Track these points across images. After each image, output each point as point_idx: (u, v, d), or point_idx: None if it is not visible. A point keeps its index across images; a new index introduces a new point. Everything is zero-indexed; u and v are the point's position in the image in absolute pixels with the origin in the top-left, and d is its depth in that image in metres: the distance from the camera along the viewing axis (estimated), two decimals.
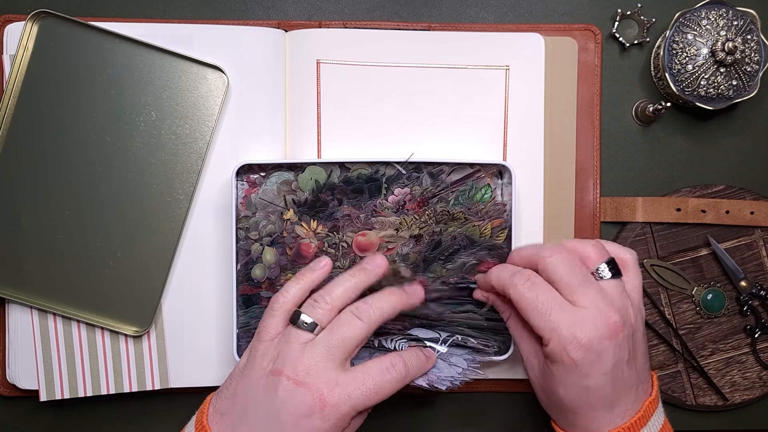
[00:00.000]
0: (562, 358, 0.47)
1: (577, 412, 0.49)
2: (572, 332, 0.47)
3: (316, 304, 0.51)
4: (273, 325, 0.51)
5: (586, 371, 0.47)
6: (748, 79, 0.60)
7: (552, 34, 0.62)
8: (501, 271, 0.51)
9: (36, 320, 0.59)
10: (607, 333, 0.47)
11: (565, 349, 0.47)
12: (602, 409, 0.48)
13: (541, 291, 0.48)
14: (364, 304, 0.51)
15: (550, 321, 0.47)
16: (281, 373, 0.48)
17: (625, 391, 0.49)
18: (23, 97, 0.58)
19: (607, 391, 0.48)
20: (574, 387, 0.48)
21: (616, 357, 0.47)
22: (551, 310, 0.47)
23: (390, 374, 0.50)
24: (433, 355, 0.55)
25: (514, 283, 0.49)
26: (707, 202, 0.63)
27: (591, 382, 0.47)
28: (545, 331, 0.47)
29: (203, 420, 0.49)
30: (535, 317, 0.48)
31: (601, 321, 0.47)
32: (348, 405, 0.48)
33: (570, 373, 0.47)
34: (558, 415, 0.51)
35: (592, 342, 0.46)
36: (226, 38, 0.60)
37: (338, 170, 0.57)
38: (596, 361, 0.47)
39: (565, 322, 0.47)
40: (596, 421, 0.49)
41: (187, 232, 0.60)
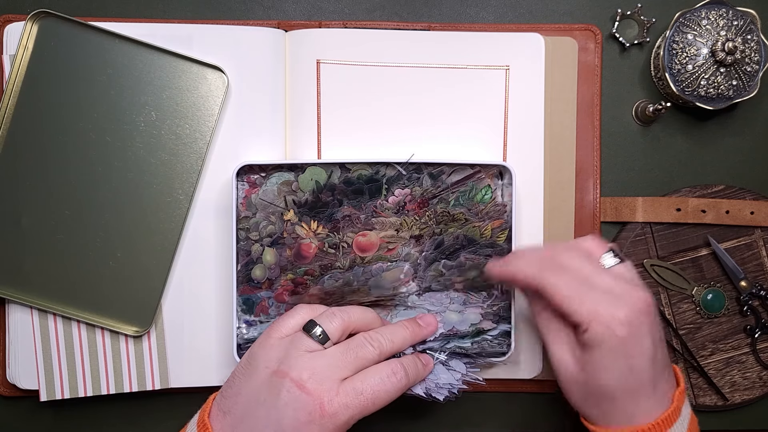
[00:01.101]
0: (606, 338, 0.46)
1: (616, 399, 0.48)
2: (611, 311, 0.47)
3: (333, 317, 0.51)
4: (290, 325, 0.52)
5: (631, 350, 0.47)
6: (748, 79, 0.60)
7: (552, 34, 0.62)
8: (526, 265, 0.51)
9: (36, 320, 0.59)
10: (642, 308, 0.47)
11: (609, 328, 0.46)
12: (643, 394, 0.48)
13: (570, 277, 0.49)
14: (377, 334, 0.52)
15: (586, 303, 0.47)
16: (286, 375, 0.48)
17: (661, 374, 0.49)
18: (23, 97, 0.58)
19: (647, 374, 0.47)
20: (617, 370, 0.47)
21: (652, 334, 0.48)
22: (584, 294, 0.47)
23: (390, 382, 0.50)
24: (431, 361, 0.55)
25: (543, 272, 0.49)
26: (707, 202, 0.63)
27: (634, 361, 0.47)
28: (583, 315, 0.47)
29: (205, 418, 0.49)
30: (570, 304, 0.48)
31: (633, 298, 0.47)
32: (346, 414, 0.48)
33: (614, 354, 0.47)
34: (594, 408, 0.50)
35: (631, 318, 0.47)
36: (226, 38, 0.60)
37: (338, 171, 0.57)
38: (639, 337, 0.47)
39: (601, 301, 0.47)
40: (636, 406, 0.48)
41: (187, 232, 0.60)
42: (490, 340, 0.58)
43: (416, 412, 0.63)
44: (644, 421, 0.48)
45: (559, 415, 0.64)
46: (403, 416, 0.63)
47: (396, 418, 0.63)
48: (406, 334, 0.54)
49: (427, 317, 0.56)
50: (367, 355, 0.51)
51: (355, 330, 0.53)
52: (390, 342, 0.52)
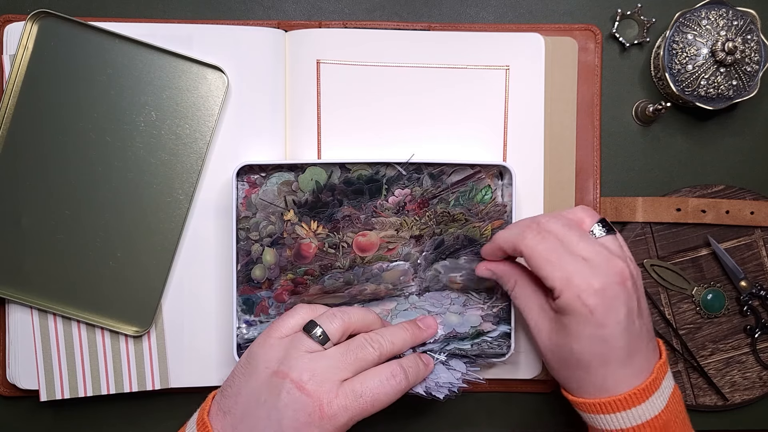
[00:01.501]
0: (577, 306, 0.47)
1: (590, 367, 0.49)
2: (585, 279, 0.47)
3: (334, 318, 0.51)
4: (290, 325, 0.52)
5: (602, 319, 0.47)
6: (748, 79, 0.60)
7: (552, 34, 0.62)
8: (508, 231, 0.52)
9: (36, 320, 0.59)
10: (617, 279, 0.47)
11: (579, 297, 0.47)
12: (616, 363, 0.48)
13: (550, 242, 0.49)
14: (377, 335, 0.52)
15: (562, 270, 0.48)
16: (287, 375, 0.48)
17: (637, 345, 0.49)
18: (23, 97, 0.58)
19: (621, 343, 0.48)
20: (588, 339, 0.48)
21: (627, 305, 0.48)
22: (562, 259, 0.48)
23: (389, 385, 0.50)
24: (431, 361, 0.55)
25: (524, 237, 0.50)
26: (707, 202, 0.63)
27: (606, 331, 0.47)
28: (558, 280, 0.48)
29: (205, 416, 0.49)
30: (546, 267, 0.48)
31: (610, 268, 0.48)
32: (346, 416, 0.48)
33: (585, 323, 0.47)
34: (570, 377, 0.51)
35: (605, 287, 0.47)
36: (226, 38, 0.60)
37: (338, 171, 0.57)
38: (611, 307, 0.47)
39: (577, 269, 0.47)
40: (610, 376, 0.48)
41: (187, 232, 0.60)
42: (489, 341, 0.58)
43: (416, 412, 0.63)
44: (621, 390, 0.48)
45: (559, 415, 0.64)
46: (403, 416, 0.63)
47: (396, 419, 0.63)
48: (406, 335, 0.54)
49: (428, 319, 0.56)
50: (368, 356, 0.51)
51: (356, 331, 0.53)
52: (390, 343, 0.52)
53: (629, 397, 0.48)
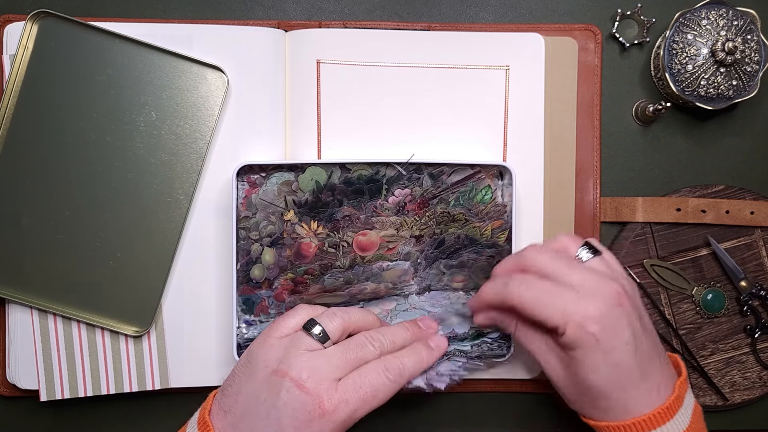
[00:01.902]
0: (582, 337, 0.47)
1: (610, 396, 0.48)
2: (582, 309, 0.47)
3: (334, 316, 0.51)
4: (290, 325, 0.52)
5: (610, 345, 0.47)
6: (748, 79, 0.60)
7: (552, 34, 0.62)
8: (493, 285, 0.52)
9: (36, 320, 0.59)
10: (613, 302, 0.47)
11: (582, 327, 0.47)
12: (634, 386, 0.48)
13: (538, 285, 0.49)
14: (377, 334, 0.52)
15: (557, 307, 0.47)
16: (286, 374, 0.48)
17: (649, 363, 0.49)
18: (23, 97, 0.58)
19: (633, 364, 0.47)
20: (602, 367, 0.47)
21: (631, 325, 0.48)
22: (554, 297, 0.48)
23: (386, 377, 0.50)
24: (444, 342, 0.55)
25: (510, 290, 0.50)
26: (707, 202, 0.63)
27: (617, 356, 0.47)
28: (557, 318, 0.47)
29: (206, 416, 0.49)
30: (541, 311, 0.48)
31: (604, 292, 0.48)
32: (346, 411, 0.48)
33: (594, 352, 0.47)
34: (591, 407, 0.50)
35: (604, 313, 0.47)
36: (226, 38, 0.60)
37: (339, 171, 0.57)
38: (615, 331, 0.47)
39: (571, 301, 0.47)
40: (631, 398, 0.48)
41: (187, 232, 0.60)
42: (489, 342, 0.58)
43: (416, 412, 0.63)
44: (643, 411, 0.48)
45: (559, 415, 0.64)
46: (402, 416, 0.63)
47: (395, 418, 0.63)
48: (406, 335, 0.54)
49: (428, 320, 0.56)
50: (368, 355, 0.51)
51: (355, 330, 0.53)
52: (391, 342, 0.52)
53: (654, 417, 0.48)
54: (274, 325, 0.52)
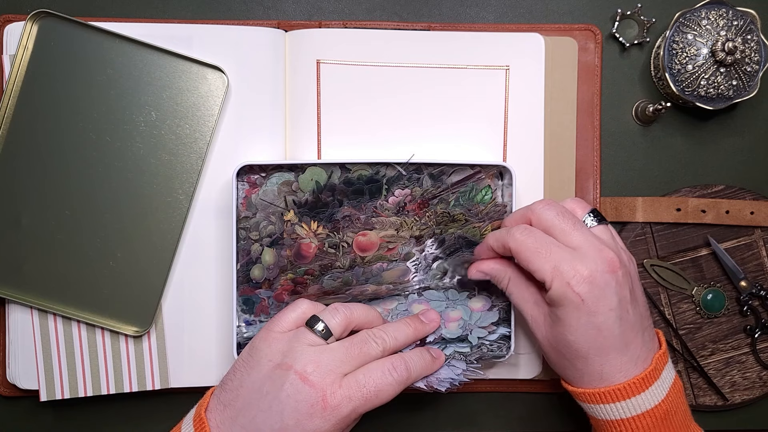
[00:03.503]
0: (567, 295, 0.47)
1: (588, 357, 0.49)
2: (573, 267, 0.48)
3: (336, 313, 0.52)
4: (291, 319, 0.52)
5: (594, 307, 0.47)
6: (748, 79, 0.60)
7: (552, 34, 0.62)
8: (498, 232, 0.53)
9: (36, 320, 0.59)
10: (606, 267, 0.48)
11: (569, 284, 0.47)
12: (614, 352, 0.49)
13: (538, 235, 0.50)
14: (380, 331, 0.53)
15: (550, 260, 0.48)
16: (291, 367, 0.48)
17: (633, 334, 0.49)
18: (23, 97, 0.58)
19: (615, 332, 0.48)
20: (583, 328, 0.48)
21: (619, 293, 0.48)
22: (550, 251, 0.49)
23: (391, 376, 0.50)
24: (442, 355, 0.55)
25: (512, 234, 0.51)
26: (707, 202, 0.63)
27: (599, 319, 0.48)
28: (547, 272, 0.48)
29: (202, 413, 0.49)
30: (535, 260, 0.49)
31: (599, 257, 0.48)
32: (349, 407, 0.48)
33: (578, 312, 0.48)
34: (569, 368, 0.51)
35: (594, 275, 0.47)
36: (226, 38, 0.60)
37: (339, 171, 0.57)
38: (601, 295, 0.48)
39: (565, 258, 0.48)
40: (608, 365, 0.49)
41: (187, 232, 0.60)
42: (489, 344, 0.58)
43: (416, 412, 0.63)
44: (620, 380, 0.49)
45: (558, 415, 0.64)
46: (403, 416, 0.63)
47: (396, 418, 0.63)
48: (409, 331, 0.54)
49: (430, 313, 0.57)
50: (371, 351, 0.51)
51: (357, 327, 0.53)
52: (394, 339, 0.52)
53: (629, 386, 0.49)
54: (275, 320, 0.52)
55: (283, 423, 0.47)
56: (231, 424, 0.48)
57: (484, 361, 0.58)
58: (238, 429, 0.48)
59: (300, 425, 0.47)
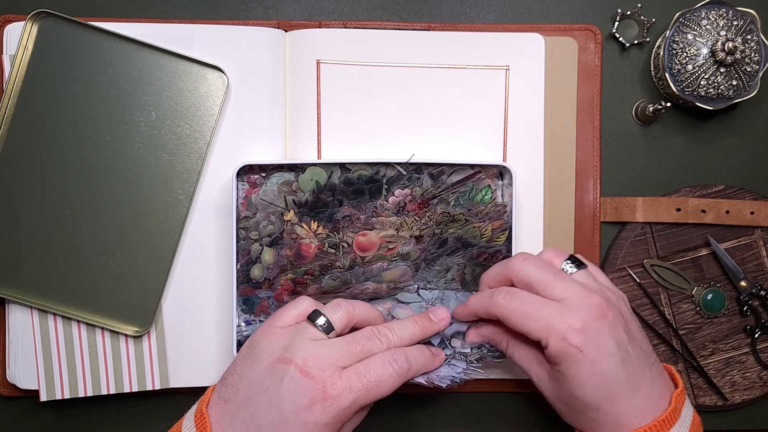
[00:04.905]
0: (566, 350, 0.47)
1: (599, 408, 0.48)
2: (564, 321, 0.47)
3: (338, 308, 0.52)
4: (292, 315, 0.52)
5: (594, 356, 0.47)
6: (748, 79, 0.60)
7: (552, 34, 0.62)
8: (479, 297, 0.52)
9: (36, 320, 0.59)
10: (596, 313, 0.47)
11: (564, 339, 0.47)
12: (624, 397, 0.48)
13: (522, 297, 0.49)
14: (385, 329, 0.52)
15: (540, 319, 0.48)
16: (291, 361, 0.48)
17: (640, 373, 0.48)
18: (23, 97, 0.58)
19: (621, 376, 0.47)
20: (588, 379, 0.47)
21: (615, 336, 0.47)
22: (537, 310, 0.48)
23: (392, 368, 0.50)
24: (442, 353, 0.55)
25: (495, 301, 0.50)
26: (707, 202, 0.63)
27: (603, 367, 0.47)
28: (539, 331, 0.48)
29: (203, 408, 0.49)
30: (525, 322, 0.48)
31: (586, 304, 0.48)
32: (349, 398, 0.48)
33: (579, 365, 0.47)
34: (583, 420, 0.50)
35: (586, 324, 0.47)
36: (226, 38, 0.60)
37: (339, 171, 0.57)
38: (598, 342, 0.47)
39: (554, 314, 0.48)
40: (622, 412, 0.48)
41: (187, 232, 0.60)
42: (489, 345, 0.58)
43: (416, 412, 0.63)
44: (638, 425, 0.48)
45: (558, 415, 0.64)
46: (403, 416, 0.63)
47: (396, 418, 0.63)
48: (415, 329, 0.54)
49: (440, 311, 0.56)
50: (374, 348, 0.51)
51: (359, 324, 0.53)
52: (398, 338, 0.52)
53: (649, 430, 0.47)
54: (276, 315, 0.52)
55: (283, 416, 0.47)
56: (231, 419, 0.48)
57: (485, 361, 0.58)
58: (238, 424, 0.48)
59: (299, 417, 0.47)
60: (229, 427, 0.48)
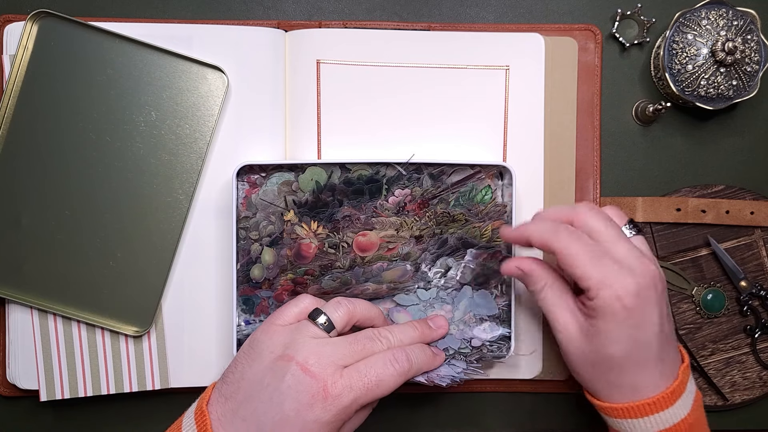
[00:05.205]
0: (615, 307, 0.47)
1: (624, 370, 0.48)
2: (622, 280, 0.47)
3: (339, 306, 0.52)
4: (293, 313, 0.52)
5: (639, 321, 0.47)
6: (748, 79, 0.60)
7: (552, 34, 0.62)
8: (542, 226, 0.51)
9: (36, 320, 0.59)
10: (650, 282, 0.48)
11: (617, 296, 0.47)
12: (650, 365, 0.48)
13: (587, 241, 0.49)
14: (386, 331, 0.52)
15: (598, 270, 0.47)
16: (292, 359, 0.48)
17: (667, 347, 0.49)
18: (23, 97, 0.58)
19: (654, 346, 0.48)
20: (625, 340, 0.47)
21: (659, 307, 0.48)
22: (600, 260, 0.48)
23: (393, 367, 0.50)
24: (442, 353, 0.55)
25: (558, 234, 0.49)
26: (707, 202, 0.63)
27: (642, 333, 0.47)
28: (594, 281, 0.47)
29: (203, 405, 0.49)
30: (584, 267, 0.48)
31: (644, 270, 0.48)
32: (350, 397, 0.48)
33: (622, 325, 0.47)
34: (599, 381, 0.50)
35: (640, 290, 0.47)
36: (226, 38, 0.60)
37: (339, 171, 0.57)
38: (646, 310, 0.47)
39: (613, 270, 0.47)
40: (642, 378, 0.48)
41: (187, 232, 0.60)
42: (489, 344, 0.58)
43: (416, 411, 0.63)
44: (650, 394, 0.49)
45: (558, 415, 0.64)
46: (403, 416, 0.63)
47: (396, 418, 0.63)
48: (415, 334, 0.54)
49: (438, 319, 0.56)
50: (375, 349, 0.51)
51: (359, 323, 0.53)
52: (399, 341, 0.52)
53: (659, 400, 0.48)
54: (277, 313, 0.52)
55: (284, 414, 0.47)
56: (232, 417, 0.48)
57: (485, 361, 0.58)
58: (239, 421, 0.48)
59: (300, 416, 0.47)
60: (230, 425, 0.48)
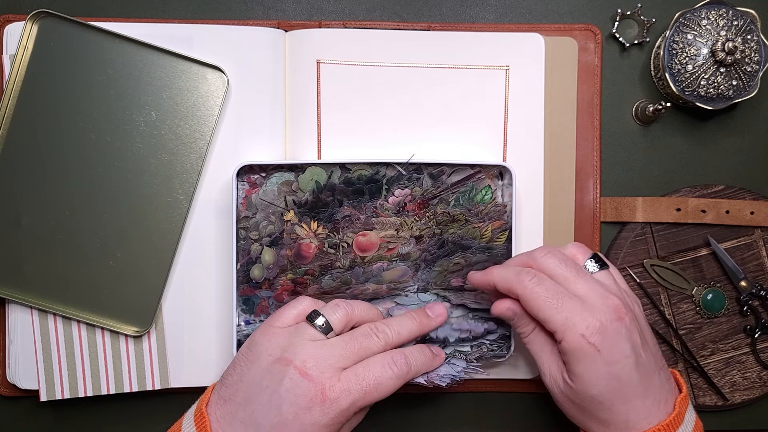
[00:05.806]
0: (583, 347, 0.47)
1: (612, 408, 0.48)
2: (584, 319, 0.47)
3: (337, 308, 0.52)
4: (292, 315, 0.52)
5: (609, 357, 0.47)
6: (748, 79, 0.60)
7: (552, 34, 0.62)
8: (504, 271, 0.51)
9: (36, 320, 0.59)
10: (615, 315, 0.48)
11: (583, 336, 0.47)
12: (636, 398, 0.48)
13: (548, 284, 0.49)
14: (383, 325, 0.52)
15: (562, 311, 0.48)
16: (290, 362, 0.48)
17: (651, 376, 0.49)
18: (23, 97, 0.58)
19: (635, 378, 0.48)
20: (603, 378, 0.48)
21: (630, 339, 0.48)
22: (562, 301, 0.48)
23: (391, 370, 0.50)
24: (442, 353, 0.55)
25: (521, 279, 0.50)
26: (707, 202, 0.63)
27: (617, 368, 0.47)
28: (558, 323, 0.48)
29: (203, 407, 0.50)
30: (546, 310, 0.48)
31: (606, 305, 0.48)
32: (348, 400, 0.48)
33: (595, 364, 0.47)
34: (592, 420, 0.50)
35: (605, 325, 0.47)
36: (226, 38, 0.60)
37: (339, 171, 0.57)
38: (615, 343, 0.47)
39: (575, 310, 0.48)
40: (633, 411, 0.48)
41: (187, 232, 0.60)
42: (488, 343, 0.58)
43: (416, 412, 0.63)
44: (645, 427, 0.48)
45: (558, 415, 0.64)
46: (403, 416, 0.63)
47: (396, 418, 0.63)
48: (413, 325, 0.54)
49: (437, 307, 0.56)
50: (372, 345, 0.51)
51: (358, 323, 0.53)
52: (396, 334, 0.52)
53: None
54: (275, 315, 0.52)
55: (282, 417, 0.47)
56: (231, 419, 0.49)
57: (484, 360, 0.58)
58: (237, 423, 0.48)
59: (298, 419, 0.47)
60: (229, 427, 0.48)
